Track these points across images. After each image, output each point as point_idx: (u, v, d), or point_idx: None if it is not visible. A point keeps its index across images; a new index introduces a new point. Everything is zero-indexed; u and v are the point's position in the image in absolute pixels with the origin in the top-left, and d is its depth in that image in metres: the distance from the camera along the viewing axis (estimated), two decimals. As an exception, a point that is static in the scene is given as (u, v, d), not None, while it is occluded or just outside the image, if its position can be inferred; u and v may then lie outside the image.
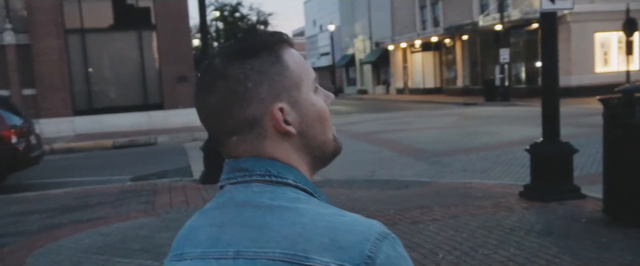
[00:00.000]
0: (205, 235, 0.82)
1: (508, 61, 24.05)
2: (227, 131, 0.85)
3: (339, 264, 0.73)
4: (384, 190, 7.21)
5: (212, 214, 0.85)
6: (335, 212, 0.80)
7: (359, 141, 13.07)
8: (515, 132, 12.58)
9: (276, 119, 0.83)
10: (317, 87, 0.89)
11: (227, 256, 0.78)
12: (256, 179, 0.84)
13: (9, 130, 8.51)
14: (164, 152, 13.54)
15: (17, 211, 6.97)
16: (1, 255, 5.02)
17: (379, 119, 19.28)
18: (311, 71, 0.89)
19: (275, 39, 0.88)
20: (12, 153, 8.55)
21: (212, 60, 0.87)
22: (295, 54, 0.88)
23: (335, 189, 7.34)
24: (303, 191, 0.84)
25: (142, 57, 18.94)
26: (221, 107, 0.84)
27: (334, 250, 0.74)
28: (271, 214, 0.79)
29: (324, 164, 0.91)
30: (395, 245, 0.78)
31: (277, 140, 0.85)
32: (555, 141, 6.00)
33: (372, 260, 0.74)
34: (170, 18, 18.32)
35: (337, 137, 0.92)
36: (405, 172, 8.89)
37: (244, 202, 0.82)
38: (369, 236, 0.76)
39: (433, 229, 5.03)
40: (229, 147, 0.86)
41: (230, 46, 0.87)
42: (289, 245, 0.75)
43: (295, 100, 0.85)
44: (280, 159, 0.85)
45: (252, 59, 0.84)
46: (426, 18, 36.11)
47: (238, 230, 0.79)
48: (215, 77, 0.84)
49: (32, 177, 10.05)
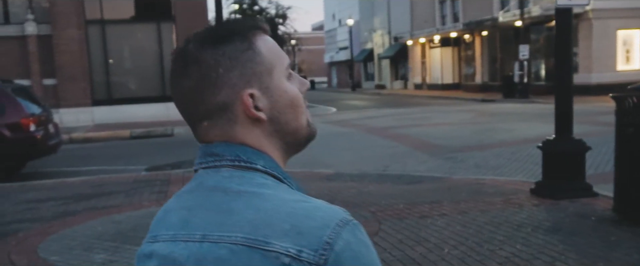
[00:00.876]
0: (176, 217, 0.84)
1: (527, 58, 23.79)
2: (199, 116, 0.86)
3: (298, 249, 0.74)
4: (395, 184, 7.22)
5: (185, 197, 0.87)
6: (300, 199, 0.81)
7: (374, 136, 13.07)
8: (532, 129, 12.47)
9: (246, 105, 0.84)
10: (291, 74, 0.90)
11: (194, 239, 0.80)
12: (226, 164, 0.85)
13: (28, 118, 8.67)
14: (180, 143, 13.65)
15: (33, 198, 7.12)
16: (16, 240, 5.14)
17: (395, 114, 19.23)
18: (285, 58, 0.89)
19: (248, 25, 0.88)
20: (31, 141, 8.71)
21: (185, 45, 0.87)
22: (268, 40, 0.89)
23: (346, 183, 7.36)
24: (272, 176, 0.85)
25: (161, 48, 19.11)
26: (193, 92, 0.85)
27: (294, 235, 0.75)
28: (237, 199, 0.80)
29: (298, 149, 0.92)
30: (356, 232, 0.78)
31: (248, 126, 0.86)
32: (568, 138, 5.95)
33: (331, 245, 0.74)
34: (189, 10, 18.43)
35: (311, 122, 0.92)
36: (418, 167, 8.88)
37: (213, 187, 0.83)
38: (329, 223, 0.76)
39: (441, 224, 5.03)
40: (201, 132, 0.87)
41: (204, 32, 0.87)
42: (251, 230, 0.77)
43: (266, 86, 0.86)
44: (251, 144, 0.86)
45: (224, 45, 0.85)
46: (446, 13, 35.85)
47: (206, 214, 0.81)
48: (188, 62, 0.85)
49: (50, 165, 10.23)
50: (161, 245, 0.83)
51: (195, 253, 0.79)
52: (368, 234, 3.25)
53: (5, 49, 17.58)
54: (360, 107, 25.08)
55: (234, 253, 0.76)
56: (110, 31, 18.63)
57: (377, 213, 5.57)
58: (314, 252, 0.74)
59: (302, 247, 0.74)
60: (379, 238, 4.65)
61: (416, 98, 29.89)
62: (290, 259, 0.74)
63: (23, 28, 17.76)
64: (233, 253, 0.76)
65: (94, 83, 18.50)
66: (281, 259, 0.74)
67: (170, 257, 0.81)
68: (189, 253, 0.79)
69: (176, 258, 0.80)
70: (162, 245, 0.83)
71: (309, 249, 0.74)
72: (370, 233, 4.78)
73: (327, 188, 7.02)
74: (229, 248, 0.77)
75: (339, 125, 16.27)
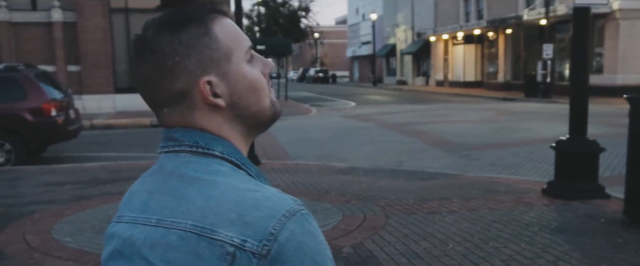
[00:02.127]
0: (138, 200, 0.85)
1: (551, 57, 23.48)
2: (159, 103, 0.86)
3: (242, 239, 0.74)
4: (408, 180, 7.23)
5: (147, 180, 0.87)
6: (251, 188, 0.80)
7: (391, 131, 13.06)
8: (551, 129, 12.34)
9: (203, 93, 0.83)
10: (252, 56, 0.88)
11: (150, 223, 0.81)
12: (185, 149, 0.85)
13: (49, 103, 8.84)
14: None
15: (52, 181, 7.28)
16: (32, 221, 5.28)
17: (414, 110, 19.17)
18: (244, 41, 0.88)
19: (205, 9, 0.86)
20: (51, 126, 8.89)
21: (143, 32, 0.86)
22: (227, 24, 0.87)
23: (359, 177, 7.39)
24: (230, 163, 0.84)
25: (183, 38, 19.28)
26: (151, 80, 0.84)
27: (240, 225, 0.75)
28: (191, 186, 0.80)
29: (262, 130, 0.91)
30: (303, 222, 0.77)
31: (207, 112, 0.85)
32: (581, 138, 5.90)
33: (275, 236, 0.74)
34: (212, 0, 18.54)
35: (274, 102, 0.90)
36: (433, 163, 8.87)
37: (171, 171, 0.84)
38: (275, 213, 0.76)
39: (448, 220, 5.04)
40: (162, 118, 0.87)
41: (161, 18, 0.86)
42: (200, 217, 0.77)
43: (224, 72, 0.84)
44: (210, 130, 0.85)
45: (180, 31, 0.83)
46: (470, 10, 35.52)
47: (162, 199, 0.82)
48: (145, 50, 0.84)
49: (70, 150, 10.44)
50: (123, 227, 0.85)
51: (150, 237, 0.80)
52: (374, 227, 3.40)
53: (31, 34, 17.92)
54: (379, 102, 25.02)
55: (182, 240, 0.76)
56: (134, 20, 18.85)
57: (386, 207, 5.59)
58: (258, 242, 0.74)
59: (246, 237, 0.74)
60: (385, 232, 4.68)
61: (437, 95, 29.72)
62: (235, 248, 0.74)
63: (49, 14, 18.07)
64: (182, 240, 0.76)
65: (116, 71, 18.76)
66: (226, 248, 0.74)
67: (129, 240, 0.82)
68: (145, 237, 0.80)
69: (134, 242, 0.81)
70: (123, 227, 0.85)
71: (253, 239, 0.74)
72: (376, 227, 4.83)
73: (339, 181, 7.06)
74: (179, 234, 0.77)
75: (358, 119, 16.29)
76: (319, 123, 15.57)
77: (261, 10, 30.77)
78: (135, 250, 0.81)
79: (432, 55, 40.95)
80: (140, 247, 0.80)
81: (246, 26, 31.81)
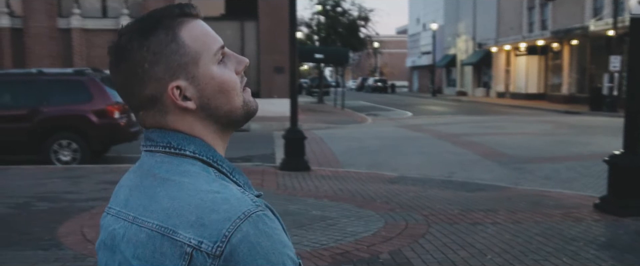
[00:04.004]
0: (123, 195, 0.91)
1: (619, 69, 22.59)
2: (134, 106, 0.91)
3: (199, 240, 0.78)
4: (456, 191, 7.18)
5: (131, 176, 0.93)
6: (214, 189, 0.82)
7: (444, 142, 12.95)
8: (613, 143, 11.88)
9: (172, 98, 0.86)
10: (224, 55, 0.90)
11: (128, 219, 0.87)
12: (159, 150, 0.89)
13: (113, 106, 9.31)
14: (254, 138, 14.12)
15: (112, 179, 7.66)
16: (90, 215, 5.62)
17: (471, 122, 18.89)
18: (212, 43, 0.89)
19: (174, 14, 0.88)
20: (114, 127, 9.35)
21: (118, 39, 0.89)
22: (195, 27, 0.89)
23: (407, 186, 7.40)
24: (201, 161, 0.87)
25: (243, 46, 19.80)
26: (125, 86, 0.89)
27: (198, 227, 0.78)
28: (161, 186, 0.85)
29: (237, 127, 0.94)
30: (257, 223, 0.79)
31: (179, 114, 0.88)
32: (637, 153, 5.72)
33: (227, 238, 0.77)
34: (272, 9, 18.96)
35: (248, 101, 0.92)
36: (484, 175, 8.75)
37: (148, 171, 0.89)
38: (231, 216, 0.78)
39: (491, 231, 5.00)
40: (140, 120, 0.92)
41: (133, 24, 0.89)
42: (164, 218, 0.81)
43: (193, 76, 0.87)
44: (183, 130, 0.89)
45: (148, 38, 0.86)
46: (534, 20, 34.62)
47: (139, 196, 0.87)
48: (119, 58, 0.88)
49: (132, 151, 10.91)
50: (109, 220, 0.91)
51: (126, 233, 0.85)
52: (415, 235, 3.51)
53: (102, 40, 18.82)
54: (437, 112, 24.77)
55: (149, 238, 0.82)
56: (197, 28, 19.49)
57: (429, 216, 5.60)
58: (213, 244, 0.77)
59: (203, 238, 0.78)
60: (425, 240, 4.70)
61: (497, 107, 29.11)
62: (192, 249, 0.78)
63: (118, 22, 18.94)
64: (149, 238, 0.82)
65: (179, 77, 19.43)
66: (185, 248, 0.78)
67: (111, 234, 0.89)
68: (124, 233, 0.86)
69: (115, 236, 0.88)
70: (110, 220, 0.91)
71: (208, 240, 0.77)
72: (417, 235, 4.86)
73: (387, 190, 7.10)
74: (147, 233, 0.82)
75: (412, 129, 16.21)
76: (373, 132, 15.60)
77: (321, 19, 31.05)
78: (116, 243, 0.87)
79: (494, 66, 40.13)
80: (119, 242, 0.86)
81: (305, 35, 32.17)
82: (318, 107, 26.94)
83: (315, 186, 7.31)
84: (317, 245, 4.59)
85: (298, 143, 8.74)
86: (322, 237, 4.82)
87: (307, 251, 4.39)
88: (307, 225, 5.21)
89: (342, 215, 5.67)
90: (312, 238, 4.80)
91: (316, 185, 7.35)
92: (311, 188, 7.19)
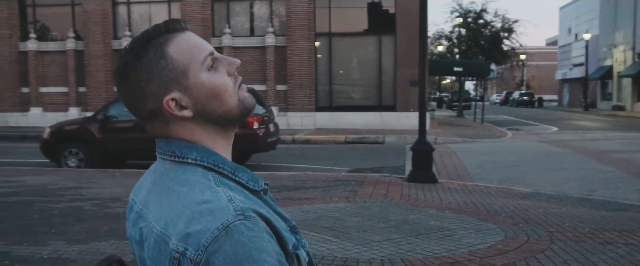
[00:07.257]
0: (143, 193, 1.01)
1: None
2: (141, 119, 1.00)
3: (184, 248, 0.86)
4: (593, 209, 6.77)
5: (149, 177, 1.03)
6: (204, 199, 0.89)
7: (588, 158, 12.14)
8: None
9: (169, 110, 0.95)
10: (214, 60, 0.97)
11: (147, 219, 0.96)
12: (167, 158, 0.99)
13: (252, 117, 10.00)
14: (387, 150, 14.28)
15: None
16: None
17: (624, 138, 17.41)
18: (199, 52, 0.96)
19: (160, 31, 0.96)
20: (253, 137, 10.03)
21: (119, 61, 0.98)
22: (181, 41, 0.96)
23: (539, 202, 7.11)
24: (202, 167, 0.95)
25: (380, 60, 20.11)
26: (129, 103, 0.99)
27: (184, 236, 0.87)
28: (165, 194, 0.94)
29: (237, 124, 1.02)
30: (234, 233, 0.84)
31: (180, 123, 0.97)
32: None
33: (206, 248, 0.84)
34: (409, 23, 19.05)
35: (243, 99, 0.99)
36: (629, 195, 8.11)
37: (159, 177, 0.99)
38: (210, 227, 0.85)
39: (621, 252, 4.70)
40: (149, 131, 1.02)
41: (129, 46, 0.97)
42: (164, 225, 0.91)
43: (185, 86, 0.95)
44: (185, 138, 0.98)
45: (140, 60, 0.95)
46: None
47: (153, 202, 0.96)
48: (120, 79, 0.98)
49: (271, 160, 11.63)
50: (134, 215, 1.02)
51: (147, 233, 0.95)
52: (533, 251, 3.68)
53: (249, 57, 20.17)
54: (586, 128, 23.08)
55: (156, 243, 0.92)
56: (336, 43, 20.18)
57: (555, 233, 5.37)
58: (195, 252, 0.85)
59: (188, 246, 0.86)
60: (543, 256, 4.54)
61: (658, 123, 26.45)
62: (179, 255, 0.87)
63: (264, 40, 20.19)
64: (156, 243, 0.92)
65: (318, 90, 20.20)
66: (174, 254, 0.87)
67: (140, 231, 0.98)
68: (147, 232, 0.95)
69: (142, 233, 0.97)
70: (134, 215, 1.02)
71: (192, 248, 0.85)
72: (537, 251, 4.72)
73: (515, 205, 6.89)
74: (155, 237, 0.92)
75: (554, 144, 15.35)
76: (510, 146, 15.03)
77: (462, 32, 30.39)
78: (142, 240, 0.97)
79: (657, 78, 36.44)
80: (144, 240, 0.96)
81: (446, 47, 31.69)
82: (456, 121, 26.40)
83: (440, 198, 7.30)
84: (429, 253, 4.64)
85: (426, 156, 8.76)
86: (436, 246, 4.85)
87: (418, 259, 4.46)
88: (423, 235, 5.27)
89: (460, 226, 5.63)
90: (426, 246, 4.86)
91: (441, 197, 7.33)
92: (435, 199, 7.19)
